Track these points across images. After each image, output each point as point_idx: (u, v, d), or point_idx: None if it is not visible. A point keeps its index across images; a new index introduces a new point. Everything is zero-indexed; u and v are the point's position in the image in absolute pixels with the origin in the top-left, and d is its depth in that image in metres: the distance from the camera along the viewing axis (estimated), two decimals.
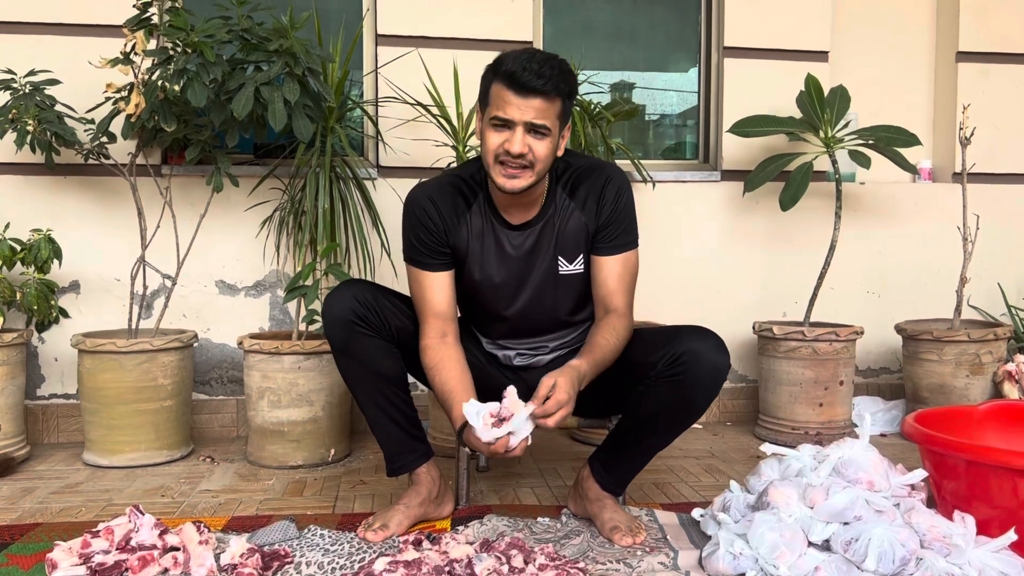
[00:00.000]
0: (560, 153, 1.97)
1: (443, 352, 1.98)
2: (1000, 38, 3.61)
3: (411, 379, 2.13)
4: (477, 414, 1.78)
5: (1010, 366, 3.11)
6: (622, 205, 2.02)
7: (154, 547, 1.81)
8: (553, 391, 1.77)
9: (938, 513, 1.83)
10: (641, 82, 3.63)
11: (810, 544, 1.78)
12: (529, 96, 1.82)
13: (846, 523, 1.77)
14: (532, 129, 1.85)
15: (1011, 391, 3.07)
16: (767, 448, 2.04)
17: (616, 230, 2.02)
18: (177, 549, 1.83)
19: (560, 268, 2.05)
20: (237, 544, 1.83)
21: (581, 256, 2.05)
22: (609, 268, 2.03)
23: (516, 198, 1.99)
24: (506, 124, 1.85)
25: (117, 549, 1.81)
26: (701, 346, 1.88)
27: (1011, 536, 1.69)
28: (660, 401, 1.93)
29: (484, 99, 1.91)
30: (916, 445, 2.02)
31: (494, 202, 2.04)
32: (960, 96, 3.57)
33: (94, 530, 1.86)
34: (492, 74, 1.88)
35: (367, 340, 1.98)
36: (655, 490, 2.48)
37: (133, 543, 1.82)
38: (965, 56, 3.60)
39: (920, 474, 1.91)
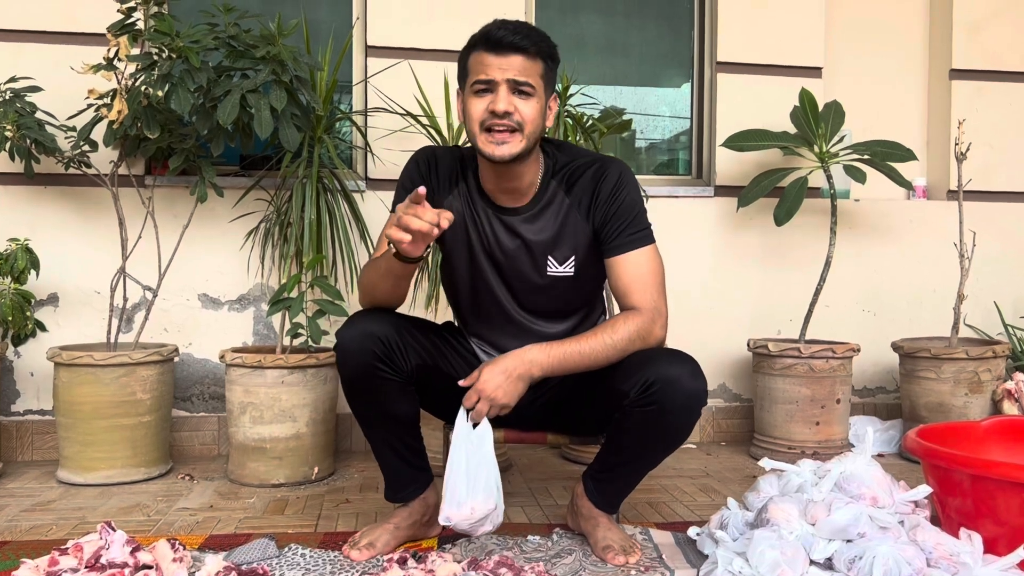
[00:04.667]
0: (549, 124, 1.89)
1: None
2: (993, 56, 3.60)
3: None
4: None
5: (1009, 384, 3.06)
6: (621, 200, 1.89)
7: (125, 565, 1.73)
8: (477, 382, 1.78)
9: (943, 531, 1.76)
10: (634, 97, 3.60)
11: (812, 562, 1.72)
12: (508, 53, 1.77)
13: (849, 540, 1.71)
14: (516, 89, 1.78)
15: (1011, 409, 3.02)
16: (766, 463, 1.97)
17: (616, 227, 1.89)
18: (150, 567, 1.75)
19: (548, 268, 1.94)
20: (213, 562, 1.75)
21: (573, 258, 1.94)
22: (618, 270, 1.90)
23: (505, 179, 1.89)
24: (488, 87, 1.79)
25: (86, 567, 1.73)
26: (673, 373, 1.77)
27: (1020, 554, 1.63)
28: (638, 430, 1.83)
29: (463, 74, 1.86)
30: (915, 465, 1.97)
31: (482, 182, 1.95)
32: (954, 113, 3.55)
33: (63, 547, 1.78)
34: (468, 47, 1.84)
35: (386, 384, 1.85)
36: (649, 509, 2.41)
37: (103, 560, 1.74)
38: (959, 74, 3.59)
39: (924, 490, 1.85)
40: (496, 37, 1.77)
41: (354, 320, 1.86)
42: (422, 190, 1.64)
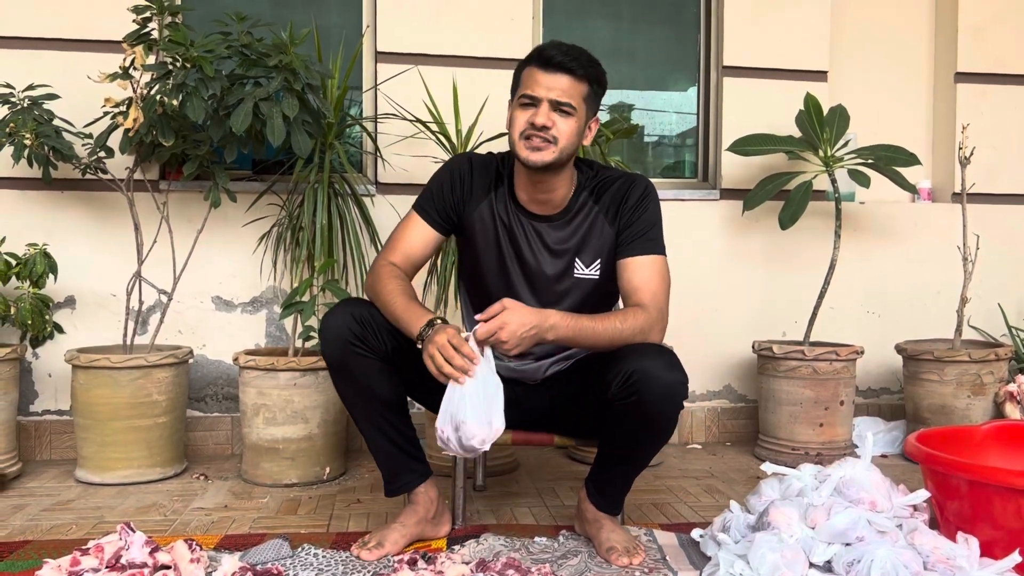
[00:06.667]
0: (587, 142, 2.01)
1: (399, 273, 2.00)
2: (998, 60, 3.62)
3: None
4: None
5: (1012, 387, 3.09)
6: (644, 209, 2.02)
7: (144, 565, 1.78)
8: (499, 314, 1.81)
9: (941, 535, 1.80)
10: (640, 101, 3.64)
11: (811, 565, 1.75)
12: (555, 72, 1.90)
13: (848, 544, 1.75)
14: (557, 107, 1.91)
15: (1013, 412, 3.05)
16: (768, 467, 2.01)
17: (635, 232, 2.00)
18: (168, 567, 1.80)
19: (576, 270, 2.04)
20: (229, 562, 1.80)
21: (599, 261, 2.04)
22: (629, 270, 1.99)
23: (539, 189, 2.01)
24: (533, 101, 1.92)
25: (107, 567, 1.78)
26: (650, 365, 1.81)
27: (1015, 558, 1.67)
28: (623, 425, 1.89)
29: (515, 86, 1.99)
30: (918, 466, 2.01)
31: (516, 191, 2.06)
32: (959, 117, 3.57)
33: (84, 547, 1.83)
34: (524, 62, 1.98)
35: (364, 360, 1.94)
36: (654, 510, 2.45)
37: (123, 561, 1.79)
38: (964, 77, 3.61)
39: (922, 495, 1.89)
40: (548, 55, 1.91)
41: (335, 307, 1.99)
42: (467, 349, 1.79)
